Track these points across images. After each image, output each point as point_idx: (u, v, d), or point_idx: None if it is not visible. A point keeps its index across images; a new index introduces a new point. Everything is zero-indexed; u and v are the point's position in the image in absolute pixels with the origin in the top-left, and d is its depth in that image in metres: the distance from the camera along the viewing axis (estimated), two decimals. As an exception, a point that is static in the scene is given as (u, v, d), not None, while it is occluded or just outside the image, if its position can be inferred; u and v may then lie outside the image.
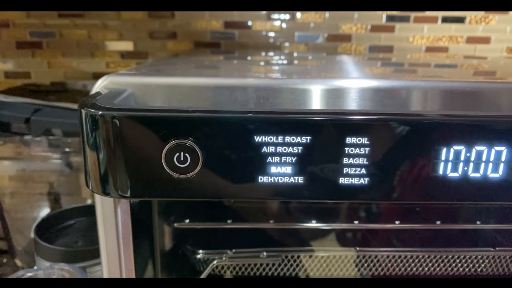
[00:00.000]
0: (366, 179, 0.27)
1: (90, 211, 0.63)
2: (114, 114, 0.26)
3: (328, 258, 0.44)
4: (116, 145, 0.27)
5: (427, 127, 0.26)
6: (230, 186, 0.28)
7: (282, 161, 0.27)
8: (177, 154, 0.27)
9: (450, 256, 0.44)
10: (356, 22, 0.89)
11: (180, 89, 0.33)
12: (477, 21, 0.89)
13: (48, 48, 0.89)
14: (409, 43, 0.90)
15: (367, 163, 0.27)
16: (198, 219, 0.42)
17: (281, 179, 0.28)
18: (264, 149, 0.27)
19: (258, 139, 0.27)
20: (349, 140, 0.27)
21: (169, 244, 0.43)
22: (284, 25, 0.88)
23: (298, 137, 0.27)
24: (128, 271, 0.38)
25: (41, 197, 0.78)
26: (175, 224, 0.41)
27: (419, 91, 0.32)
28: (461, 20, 0.89)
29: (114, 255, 0.37)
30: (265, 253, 0.43)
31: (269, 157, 0.27)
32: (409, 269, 0.45)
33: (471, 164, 0.27)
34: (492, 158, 0.27)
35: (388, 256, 0.44)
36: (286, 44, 0.90)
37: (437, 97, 0.32)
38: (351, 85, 0.32)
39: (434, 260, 0.44)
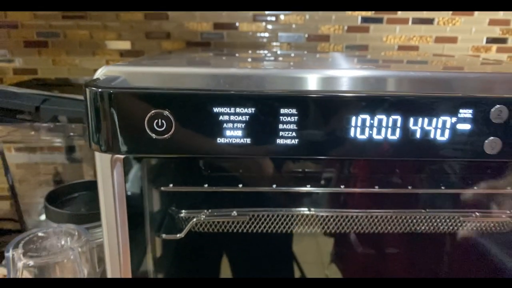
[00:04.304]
0: (297, 140, 0.37)
1: (90, 186, 0.71)
2: (110, 91, 0.36)
3: (288, 217, 0.53)
4: (111, 113, 0.36)
5: (339, 102, 0.36)
6: (195, 146, 0.38)
7: (234, 127, 0.37)
8: (156, 120, 0.37)
9: (389, 216, 0.53)
10: (334, 23, 0.93)
11: (163, 76, 0.41)
12: (444, 22, 0.94)
13: (53, 47, 0.92)
14: (382, 42, 0.94)
15: (296, 128, 0.37)
16: (180, 184, 0.51)
17: (234, 140, 0.38)
18: (221, 117, 0.37)
19: (216, 110, 0.37)
20: (282, 111, 0.36)
21: (157, 204, 0.51)
22: (269, 26, 0.93)
23: (245, 109, 0.36)
24: (122, 226, 0.46)
25: (46, 182, 0.85)
26: (162, 188, 0.50)
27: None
28: (430, 21, 0.94)
29: (111, 211, 0.45)
30: (235, 212, 0.52)
31: (224, 124, 0.37)
32: (350, 227, 0.53)
33: (375, 129, 0.37)
34: (390, 124, 0.36)
35: (337, 216, 0.53)
36: (273, 44, 0.94)
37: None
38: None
39: (371, 220, 0.53)
